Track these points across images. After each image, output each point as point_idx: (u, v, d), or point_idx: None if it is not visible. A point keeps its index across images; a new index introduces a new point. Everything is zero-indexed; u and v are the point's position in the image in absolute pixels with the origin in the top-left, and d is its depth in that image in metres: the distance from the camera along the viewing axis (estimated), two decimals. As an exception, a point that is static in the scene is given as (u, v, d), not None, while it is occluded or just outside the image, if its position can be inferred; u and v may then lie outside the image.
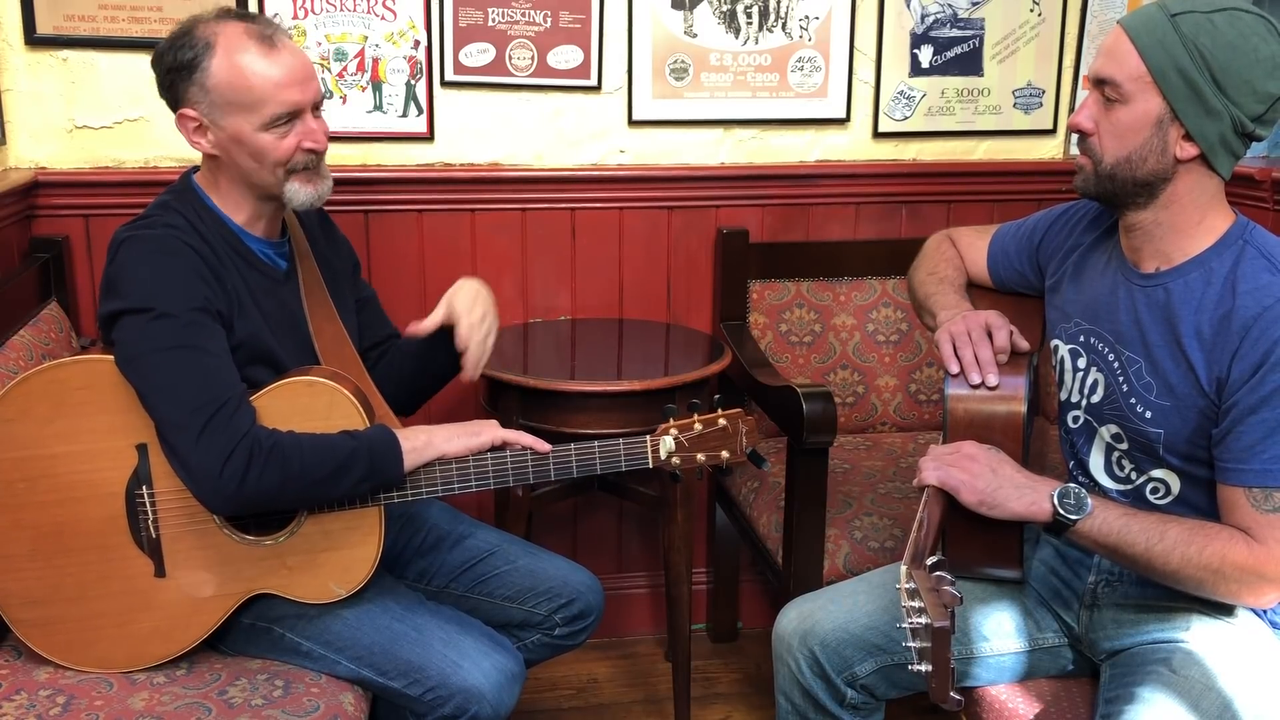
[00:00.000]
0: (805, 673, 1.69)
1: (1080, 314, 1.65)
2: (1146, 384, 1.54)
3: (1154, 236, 1.53)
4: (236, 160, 1.67)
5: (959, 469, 1.52)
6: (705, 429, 1.75)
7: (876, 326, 2.70)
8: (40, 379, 1.61)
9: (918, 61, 2.71)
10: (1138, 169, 1.47)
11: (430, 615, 1.75)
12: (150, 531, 1.64)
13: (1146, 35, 1.44)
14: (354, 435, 1.64)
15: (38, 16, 2.30)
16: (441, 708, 1.67)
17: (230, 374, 1.60)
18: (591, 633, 1.98)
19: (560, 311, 2.67)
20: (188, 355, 1.56)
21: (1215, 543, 1.43)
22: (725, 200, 2.69)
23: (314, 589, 1.70)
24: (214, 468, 1.53)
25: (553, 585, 1.91)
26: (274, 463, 1.56)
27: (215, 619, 1.69)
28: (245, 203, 1.72)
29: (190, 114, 1.66)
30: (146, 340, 1.56)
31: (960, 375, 1.62)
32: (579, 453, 1.73)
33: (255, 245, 1.74)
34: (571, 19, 2.52)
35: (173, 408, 1.55)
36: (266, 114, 1.63)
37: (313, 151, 1.69)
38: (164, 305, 1.57)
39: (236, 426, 1.55)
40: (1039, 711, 1.63)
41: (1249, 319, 1.43)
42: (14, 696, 1.61)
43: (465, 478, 1.71)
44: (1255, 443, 1.42)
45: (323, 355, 1.79)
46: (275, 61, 1.63)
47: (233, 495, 1.55)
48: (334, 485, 1.61)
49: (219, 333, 1.62)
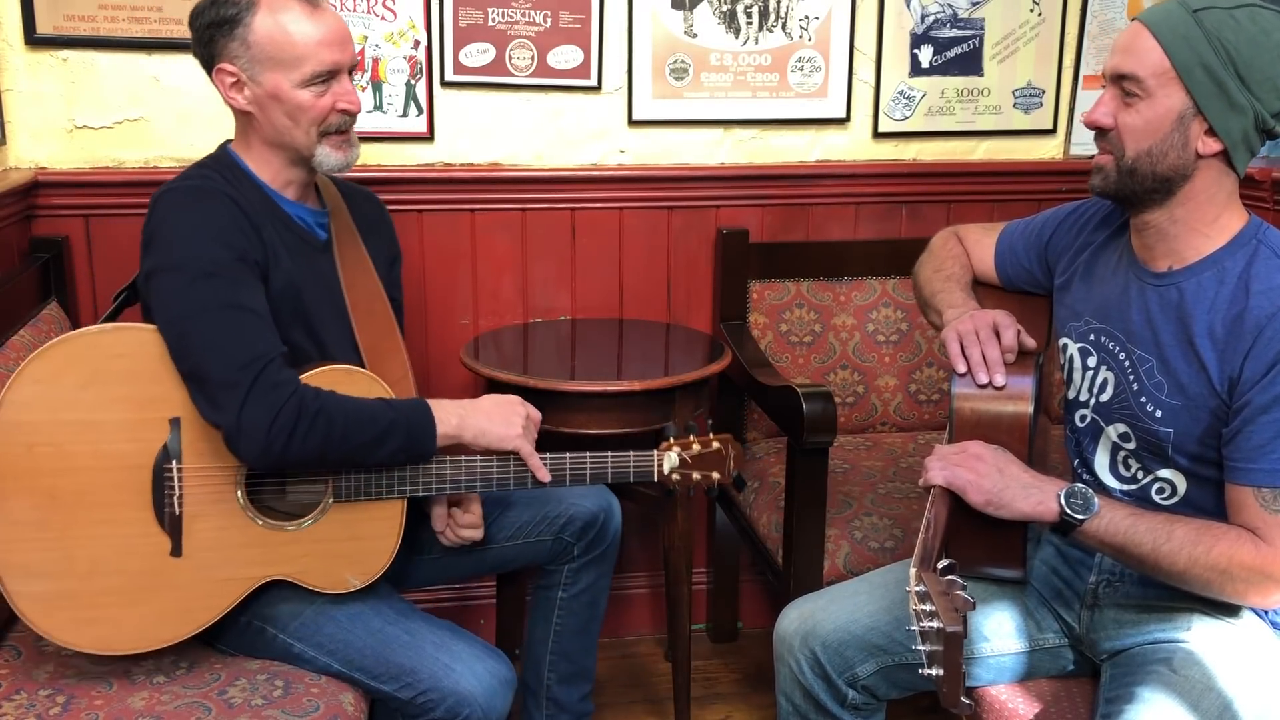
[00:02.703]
0: (806, 673, 1.69)
1: (1091, 312, 1.65)
2: (1158, 383, 1.53)
3: (1168, 235, 1.53)
4: (271, 118, 1.69)
5: (966, 469, 1.52)
6: (702, 450, 1.84)
7: (877, 326, 2.70)
8: (78, 343, 1.60)
9: (918, 61, 2.71)
10: (1158, 163, 1.47)
11: (423, 621, 1.75)
12: (174, 508, 1.63)
13: (1169, 31, 1.44)
14: (393, 405, 1.67)
15: (38, 16, 2.29)
16: (433, 711, 1.66)
17: (273, 332, 1.63)
18: (614, 542, 2.05)
19: (560, 311, 2.67)
20: (232, 315, 1.59)
21: (1222, 543, 1.43)
22: (725, 200, 2.69)
23: (329, 578, 1.70)
24: (263, 423, 1.55)
25: (547, 510, 1.98)
26: (320, 424, 1.58)
27: (225, 604, 1.67)
28: (277, 165, 1.75)
29: (228, 69, 1.68)
30: (190, 300, 1.58)
31: (968, 375, 1.62)
32: (593, 462, 1.79)
33: (291, 209, 1.77)
34: (571, 19, 2.52)
35: (220, 366, 1.56)
36: (306, 71, 1.67)
37: (346, 113, 1.73)
38: (205, 262, 1.60)
39: (285, 383, 1.58)
40: (1039, 711, 1.63)
41: (1262, 319, 1.43)
42: (14, 696, 1.61)
43: (488, 479, 1.76)
44: (1265, 442, 1.42)
45: (358, 327, 1.81)
46: (318, 21, 1.67)
47: (279, 452, 1.57)
48: (371, 452, 1.64)
49: (259, 287, 1.65)
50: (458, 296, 2.61)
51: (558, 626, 2.08)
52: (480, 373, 2.26)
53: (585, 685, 2.15)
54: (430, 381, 2.63)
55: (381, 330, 1.84)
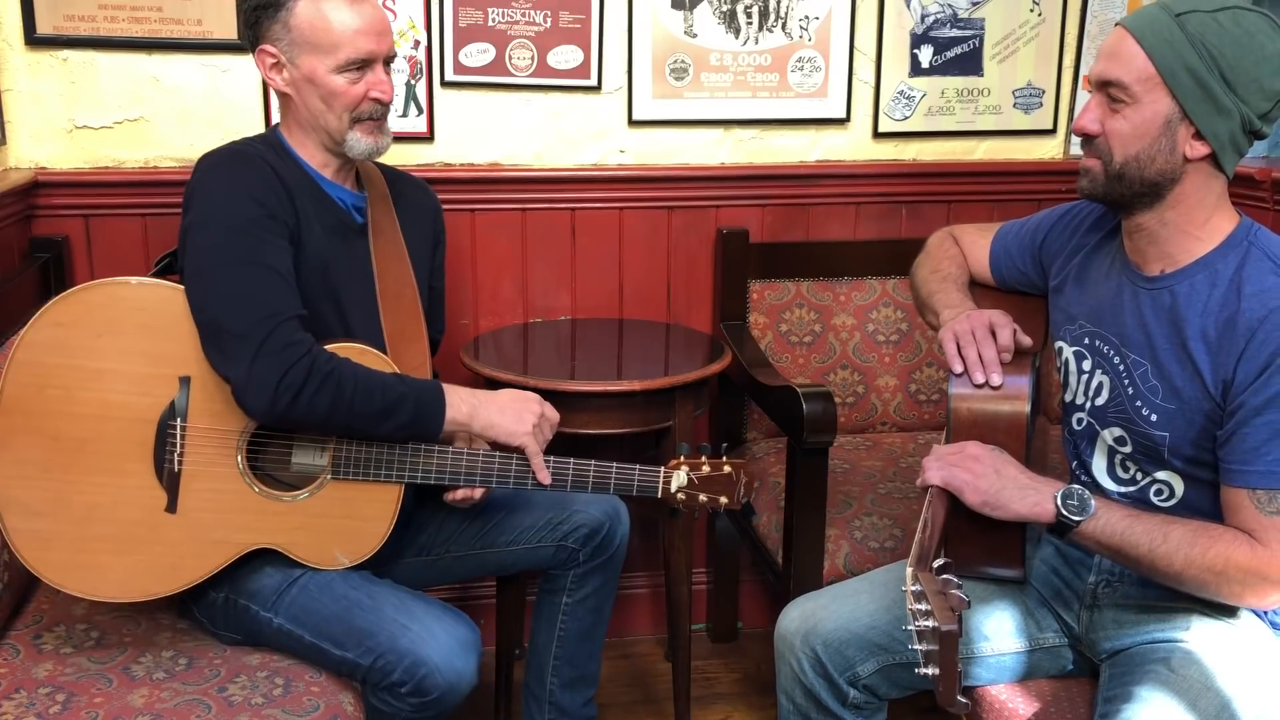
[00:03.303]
0: (807, 672, 1.69)
1: (1085, 316, 1.65)
2: (1152, 386, 1.53)
3: (1159, 238, 1.53)
4: (306, 101, 1.75)
5: (963, 469, 1.52)
6: (712, 472, 1.83)
7: (876, 326, 2.70)
8: (101, 292, 1.62)
9: (918, 61, 2.71)
10: (1146, 168, 1.47)
11: (388, 587, 1.75)
12: (174, 465, 1.64)
13: (1153, 35, 1.44)
14: (405, 381, 1.68)
15: (38, 16, 2.30)
16: (390, 674, 1.64)
17: (294, 293, 1.65)
18: (620, 549, 2.03)
19: (560, 311, 2.67)
20: (256, 271, 1.62)
21: (1219, 544, 1.43)
22: (725, 200, 2.69)
23: (319, 553, 1.70)
24: (272, 379, 1.57)
25: (551, 516, 1.97)
26: (329, 386, 1.60)
27: (213, 565, 1.68)
28: (312, 147, 1.79)
29: (270, 50, 1.74)
30: (218, 254, 1.62)
31: (964, 374, 1.62)
32: (597, 471, 1.78)
33: (332, 190, 1.81)
34: (571, 19, 2.53)
35: (237, 318, 1.59)
36: (341, 57, 1.71)
37: (379, 102, 1.76)
38: (237, 219, 1.63)
39: (300, 342, 1.60)
40: (1039, 711, 1.63)
41: (1255, 321, 1.43)
42: (14, 695, 1.61)
43: (488, 473, 1.75)
44: (1260, 444, 1.42)
45: (384, 312, 1.82)
46: (357, 11, 1.72)
47: (284, 409, 1.58)
48: (377, 424, 1.65)
49: (287, 249, 1.68)
50: (458, 296, 2.61)
51: (562, 631, 2.07)
52: (480, 373, 2.26)
53: (589, 690, 2.14)
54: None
55: (407, 316, 1.85)
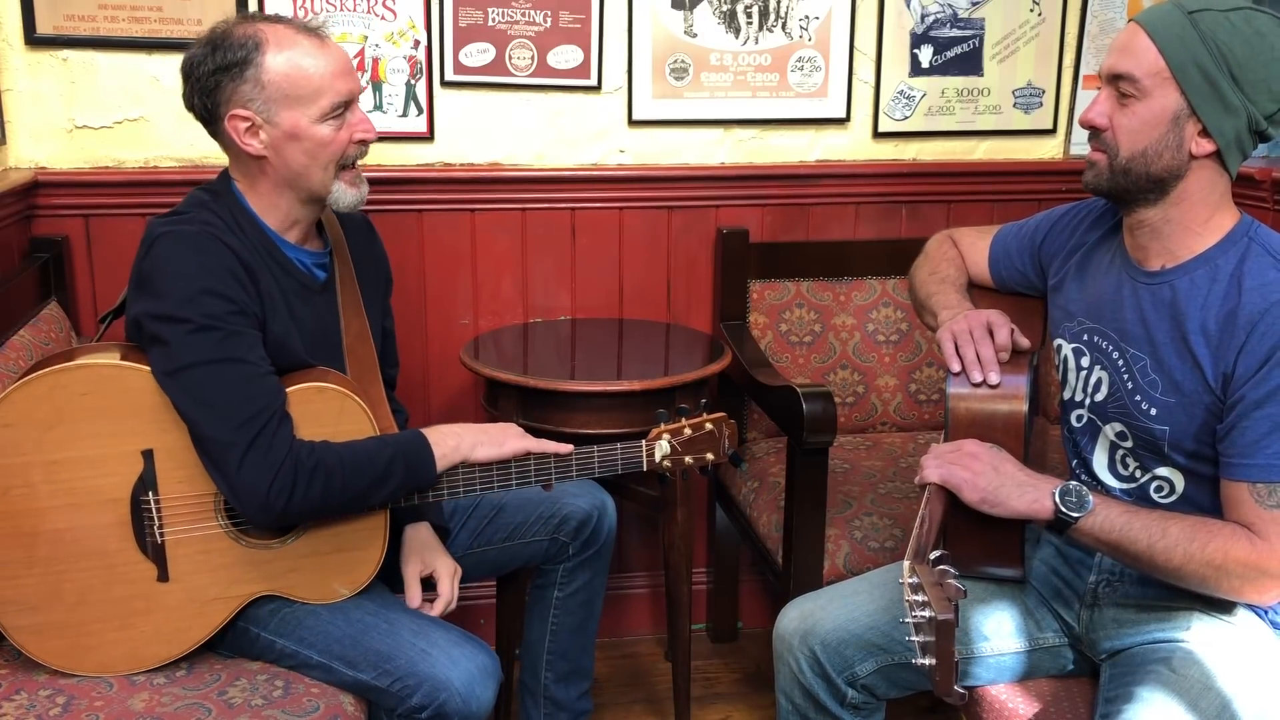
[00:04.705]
0: (806, 672, 1.69)
1: (1084, 312, 1.65)
2: (1152, 381, 1.54)
3: (1161, 234, 1.54)
4: (288, 159, 1.66)
5: (961, 467, 1.52)
6: (694, 433, 1.83)
7: (876, 326, 2.70)
8: (42, 384, 1.58)
9: (918, 61, 2.71)
10: (1152, 164, 1.48)
11: (404, 611, 1.75)
12: (155, 537, 1.63)
13: (1165, 31, 1.45)
14: (387, 441, 1.65)
15: (38, 16, 2.30)
16: (410, 698, 1.64)
17: (271, 383, 1.60)
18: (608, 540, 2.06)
19: (560, 311, 2.67)
20: (230, 369, 1.56)
21: (1218, 539, 1.44)
22: (725, 200, 2.69)
23: (318, 590, 1.70)
24: (261, 486, 1.55)
25: (542, 510, 1.98)
26: (318, 479, 1.58)
27: (217, 622, 1.68)
28: (285, 207, 1.71)
29: (242, 114, 1.63)
30: (188, 353, 1.55)
31: (962, 374, 1.62)
32: (578, 458, 1.77)
33: (293, 254, 1.73)
34: (571, 19, 2.53)
35: (217, 425, 1.55)
36: (325, 104, 1.64)
37: (364, 142, 1.72)
38: (205, 315, 1.56)
39: (280, 443, 1.56)
40: (1039, 711, 1.63)
41: (1255, 315, 1.43)
42: (14, 696, 1.61)
43: (487, 481, 1.74)
44: (1260, 438, 1.43)
45: (350, 368, 1.80)
46: (327, 54, 1.65)
47: (280, 511, 1.57)
48: (373, 494, 1.64)
49: (257, 339, 1.62)
50: (458, 296, 2.61)
51: (554, 626, 2.08)
52: (480, 373, 2.26)
53: (583, 683, 2.15)
54: (430, 382, 2.63)
55: (365, 365, 1.82)
